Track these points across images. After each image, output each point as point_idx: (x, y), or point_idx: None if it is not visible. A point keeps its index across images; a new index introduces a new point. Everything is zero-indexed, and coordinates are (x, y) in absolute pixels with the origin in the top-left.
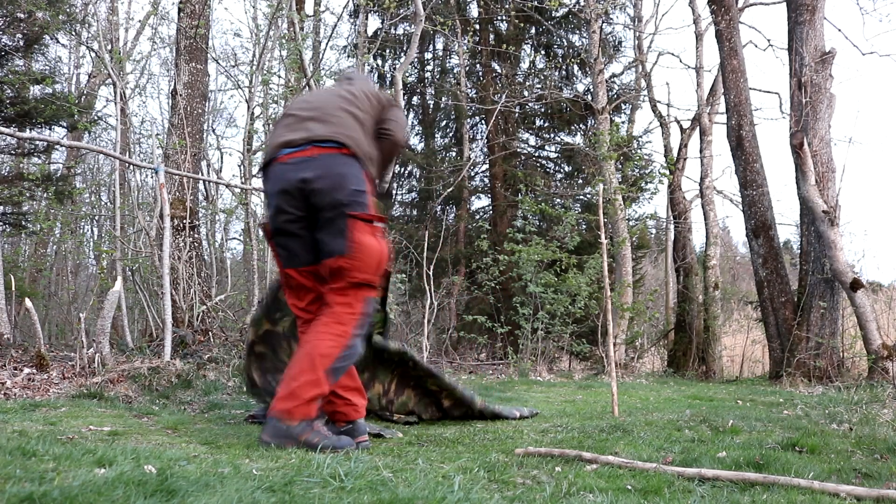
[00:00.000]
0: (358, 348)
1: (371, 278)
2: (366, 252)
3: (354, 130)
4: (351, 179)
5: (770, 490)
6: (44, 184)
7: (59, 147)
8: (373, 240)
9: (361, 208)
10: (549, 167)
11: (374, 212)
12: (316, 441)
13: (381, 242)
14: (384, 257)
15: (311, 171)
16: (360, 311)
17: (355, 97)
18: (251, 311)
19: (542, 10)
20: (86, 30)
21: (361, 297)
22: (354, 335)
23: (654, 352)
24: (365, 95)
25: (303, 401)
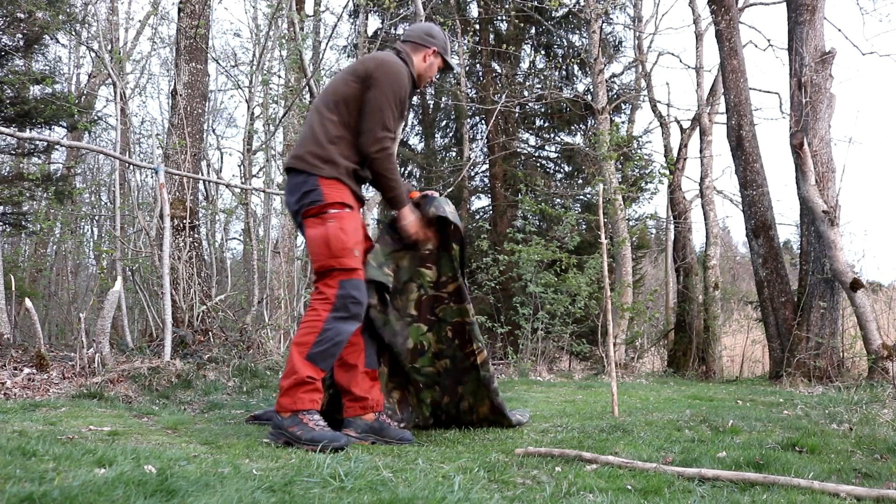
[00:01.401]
0: (338, 331)
1: (328, 263)
2: (311, 243)
3: (304, 144)
4: (296, 192)
5: (770, 490)
6: (44, 184)
7: (59, 147)
8: (316, 229)
9: (308, 206)
10: (549, 167)
11: (329, 199)
12: (299, 433)
13: (328, 225)
14: (330, 238)
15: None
16: (332, 295)
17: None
18: (251, 311)
19: (542, 10)
20: (86, 30)
21: (328, 282)
22: (329, 318)
23: (654, 352)
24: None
25: (284, 392)
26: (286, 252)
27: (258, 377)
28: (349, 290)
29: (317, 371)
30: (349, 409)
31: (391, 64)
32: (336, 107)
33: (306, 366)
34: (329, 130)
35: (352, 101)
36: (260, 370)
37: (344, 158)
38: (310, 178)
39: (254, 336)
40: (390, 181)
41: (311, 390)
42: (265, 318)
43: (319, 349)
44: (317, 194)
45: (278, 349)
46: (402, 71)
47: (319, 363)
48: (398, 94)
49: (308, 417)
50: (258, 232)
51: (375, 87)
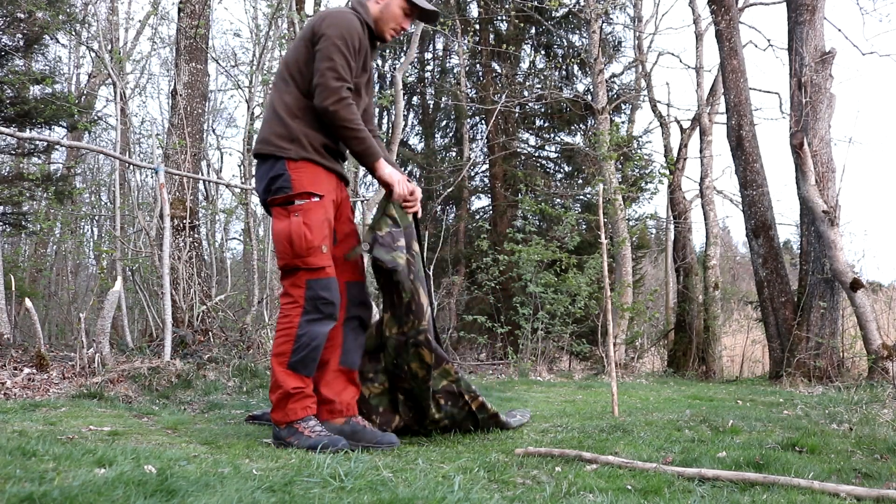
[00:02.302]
0: (313, 334)
1: (291, 262)
2: (275, 238)
3: (267, 125)
4: (261, 181)
5: (770, 490)
6: (44, 184)
7: (59, 147)
8: (281, 222)
9: (274, 193)
10: (549, 167)
11: (297, 189)
12: (295, 443)
13: (292, 220)
14: (293, 236)
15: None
16: (300, 297)
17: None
18: (251, 311)
19: (542, 10)
20: (86, 30)
21: (295, 283)
22: (302, 323)
23: (654, 352)
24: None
25: (275, 407)
26: None
27: (258, 377)
28: (317, 291)
29: (301, 379)
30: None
31: (336, 13)
32: (290, 76)
33: (289, 377)
34: (289, 104)
35: (304, 65)
36: (260, 370)
37: (311, 131)
38: (277, 162)
39: (254, 336)
40: (354, 133)
41: (300, 398)
42: (265, 318)
43: (298, 357)
44: (284, 180)
45: None
46: (349, 18)
47: (302, 371)
48: (348, 40)
49: (304, 426)
50: (258, 232)
51: (323, 39)
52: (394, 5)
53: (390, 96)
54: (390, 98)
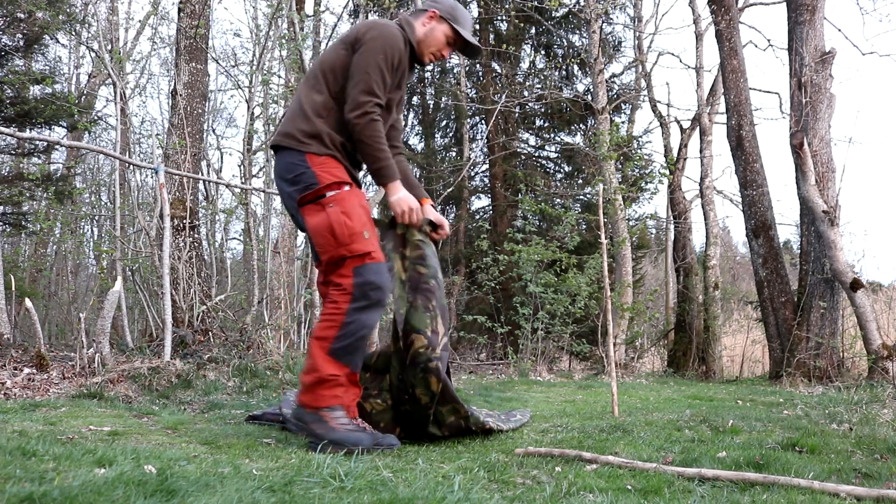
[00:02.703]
0: (361, 323)
1: (337, 252)
2: (315, 233)
3: (291, 119)
4: (285, 172)
5: (770, 490)
6: (44, 184)
7: (59, 147)
8: (316, 217)
9: (302, 192)
10: (549, 167)
11: (324, 182)
12: (320, 433)
13: (328, 211)
14: (334, 226)
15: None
16: (349, 285)
17: (309, 74)
18: (251, 311)
19: (542, 10)
20: (86, 30)
21: (342, 272)
22: (350, 310)
23: (654, 352)
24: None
25: (306, 389)
26: (286, 252)
27: (258, 377)
28: (366, 276)
29: (340, 367)
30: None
31: (382, 26)
32: (324, 76)
33: (328, 363)
34: (316, 102)
35: (339, 69)
36: (260, 370)
37: (333, 132)
38: (298, 155)
39: (254, 336)
40: (373, 150)
41: (333, 386)
42: (265, 318)
43: (342, 344)
44: (309, 176)
45: (278, 349)
46: (394, 34)
47: (342, 359)
48: (389, 57)
49: (330, 415)
50: (258, 232)
51: (363, 50)
52: (439, 31)
53: None
54: None
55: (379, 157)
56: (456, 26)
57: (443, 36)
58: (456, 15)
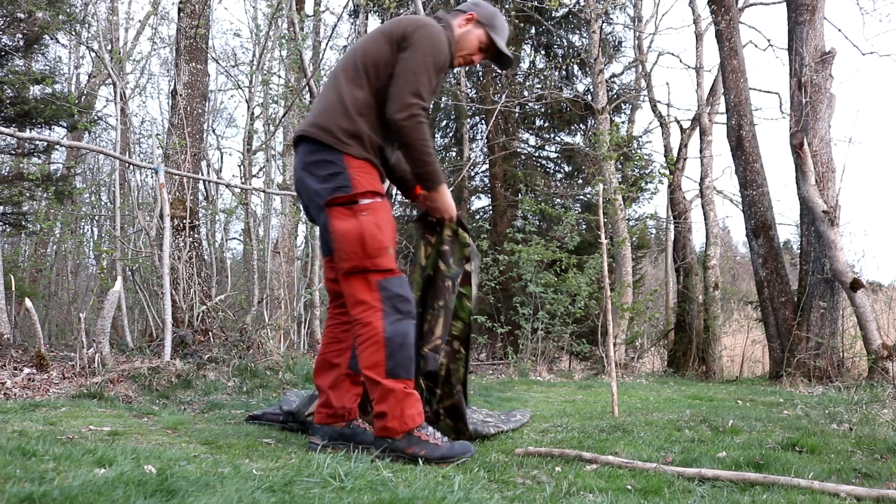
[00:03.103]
0: (402, 333)
1: (361, 264)
2: (342, 239)
3: (329, 112)
4: (316, 168)
5: (770, 490)
6: (44, 184)
7: (59, 147)
8: (346, 222)
9: (332, 192)
10: (549, 167)
11: (359, 188)
12: (423, 454)
13: (361, 220)
14: (366, 237)
15: (294, 167)
16: (376, 300)
17: (349, 66)
18: (251, 311)
19: (542, 10)
20: (86, 30)
21: (367, 287)
22: (386, 326)
23: (654, 352)
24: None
25: (389, 415)
26: (286, 252)
27: (258, 377)
28: (393, 290)
29: (405, 382)
30: (319, 414)
31: (432, 27)
32: (365, 71)
33: (394, 383)
34: (357, 99)
35: (382, 65)
36: (260, 370)
37: (373, 134)
38: (335, 155)
39: (254, 336)
40: (422, 153)
41: (413, 403)
42: (265, 318)
43: (395, 362)
44: (344, 179)
45: (278, 349)
46: (443, 37)
47: (403, 374)
48: (437, 60)
49: (424, 433)
50: (258, 232)
51: (412, 49)
52: (474, 35)
53: None
54: None
55: (427, 160)
56: (493, 34)
57: (477, 41)
58: (495, 23)
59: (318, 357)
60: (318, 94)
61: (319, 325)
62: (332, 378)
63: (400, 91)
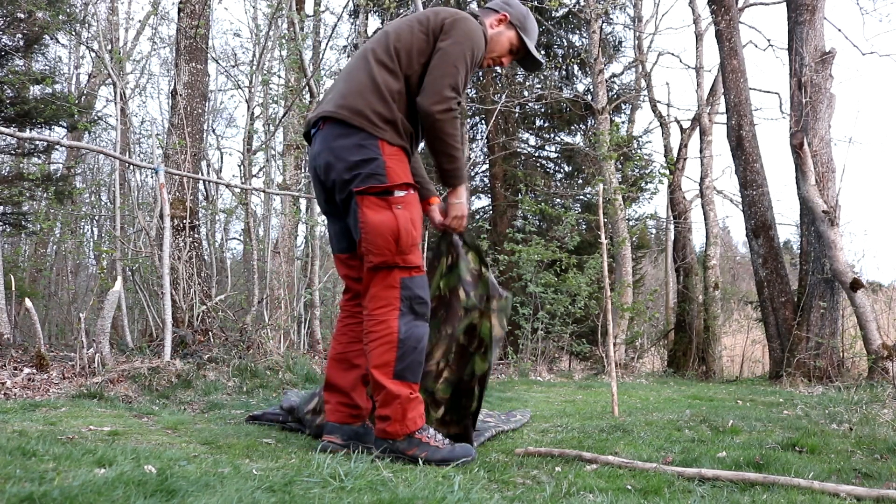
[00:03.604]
0: (416, 337)
1: (391, 259)
2: (373, 232)
3: (360, 95)
4: (347, 152)
5: (770, 490)
6: (44, 184)
7: (59, 147)
8: (380, 214)
9: (366, 181)
10: (549, 167)
11: (394, 179)
12: (423, 456)
13: (397, 214)
14: (401, 232)
15: (316, 149)
16: (395, 298)
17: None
18: (251, 311)
19: (543, 10)
20: (86, 30)
21: (390, 283)
22: (402, 326)
23: (654, 352)
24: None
25: (392, 419)
26: (286, 252)
27: (258, 377)
28: (413, 290)
29: (411, 386)
30: (338, 413)
31: (471, 23)
32: (396, 55)
33: (400, 386)
34: (391, 84)
35: (416, 52)
36: (260, 370)
37: (406, 120)
38: (369, 139)
39: (254, 336)
40: (451, 149)
41: (416, 406)
42: (265, 318)
43: (404, 364)
44: (378, 167)
45: (278, 349)
46: (480, 34)
47: (410, 378)
48: (475, 55)
49: (425, 435)
50: (258, 232)
51: (452, 41)
52: (505, 37)
53: None
54: None
55: (457, 155)
56: (524, 36)
57: (508, 43)
58: (526, 25)
59: (335, 354)
60: (342, 74)
61: (320, 325)
62: (352, 378)
63: (438, 83)
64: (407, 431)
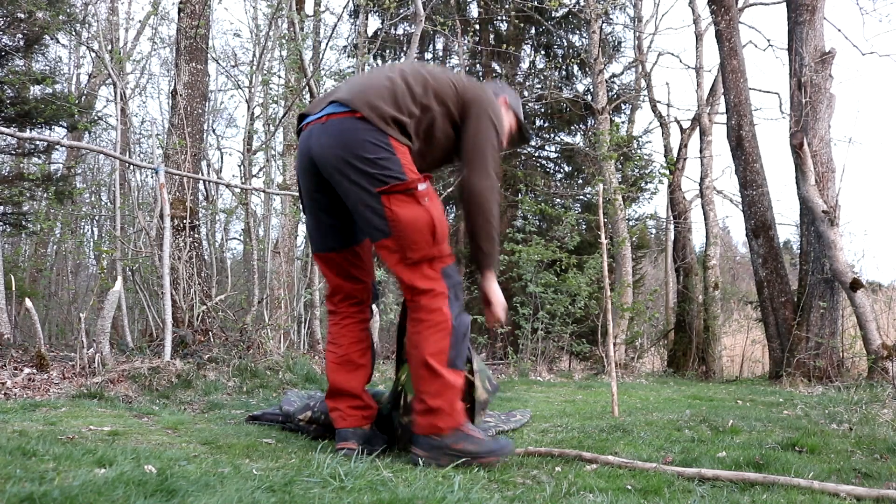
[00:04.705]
0: (464, 323)
1: (430, 252)
2: (411, 227)
3: (380, 95)
4: (358, 147)
5: (770, 490)
6: (44, 184)
7: (59, 147)
8: (411, 210)
9: (386, 180)
10: (549, 167)
11: (412, 176)
12: (471, 448)
13: (427, 207)
14: (436, 224)
15: (319, 140)
16: (442, 288)
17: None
18: (251, 311)
19: (542, 11)
20: (86, 30)
21: (430, 274)
22: (454, 313)
23: (654, 352)
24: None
25: (444, 412)
26: (286, 252)
27: (258, 377)
28: (455, 278)
29: (460, 374)
30: (351, 418)
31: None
32: (424, 83)
33: (454, 375)
34: (408, 101)
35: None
36: (260, 370)
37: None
38: (380, 135)
39: (254, 336)
40: (495, 230)
41: (460, 397)
42: (265, 318)
43: (455, 351)
44: (395, 164)
45: (278, 349)
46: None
47: (460, 366)
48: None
49: (469, 428)
50: (258, 232)
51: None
52: (505, 120)
53: None
54: None
55: (495, 237)
56: (519, 118)
57: (509, 126)
58: (518, 108)
59: (337, 358)
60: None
61: (320, 325)
62: (360, 378)
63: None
64: (456, 424)
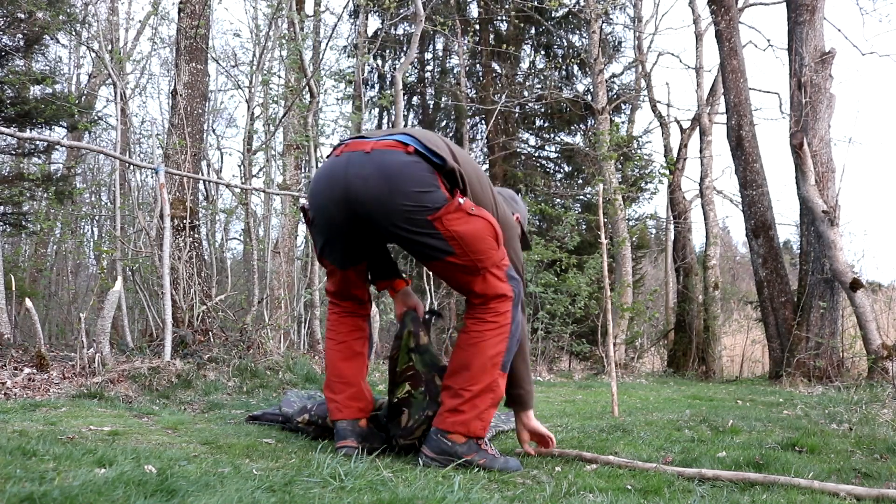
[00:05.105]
0: (522, 324)
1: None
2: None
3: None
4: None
5: (770, 490)
6: (44, 184)
7: (59, 147)
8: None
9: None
10: (549, 167)
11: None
12: (480, 463)
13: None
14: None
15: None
16: (510, 289)
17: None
18: (251, 311)
19: (542, 11)
20: (86, 30)
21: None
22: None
23: (654, 352)
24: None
25: (475, 414)
26: (286, 252)
27: (258, 377)
28: (517, 278)
29: (505, 377)
30: (347, 409)
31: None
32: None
33: (503, 377)
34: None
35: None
36: (260, 370)
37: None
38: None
39: (254, 336)
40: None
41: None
42: (265, 318)
43: (510, 353)
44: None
45: (278, 349)
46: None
47: (506, 371)
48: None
49: (485, 443)
50: (258, 232)
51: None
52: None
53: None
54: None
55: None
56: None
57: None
58: (525, 222)
59: (336, 345)
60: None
61: (319, 325)
62: (358, 366)
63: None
64: (476, 434)
